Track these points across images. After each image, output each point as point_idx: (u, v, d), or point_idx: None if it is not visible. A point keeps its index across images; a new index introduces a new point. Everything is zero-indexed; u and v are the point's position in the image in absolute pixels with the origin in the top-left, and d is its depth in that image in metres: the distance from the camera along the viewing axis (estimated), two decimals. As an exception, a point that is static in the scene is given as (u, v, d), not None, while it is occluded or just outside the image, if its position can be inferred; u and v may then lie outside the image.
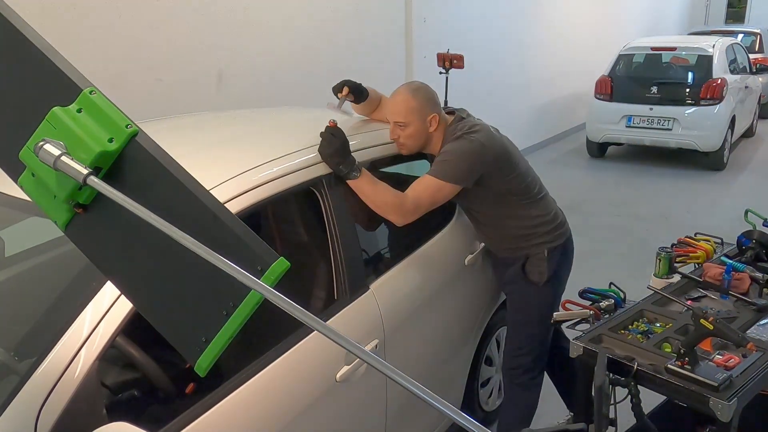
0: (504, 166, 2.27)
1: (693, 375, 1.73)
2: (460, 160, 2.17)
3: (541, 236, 2.39)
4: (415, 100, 2.20)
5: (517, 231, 2.39)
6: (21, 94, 0.94)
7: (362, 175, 2.05)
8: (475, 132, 2.21)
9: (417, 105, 2.20)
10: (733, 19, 16.23)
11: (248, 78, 4.44)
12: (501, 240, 2.46)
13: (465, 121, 2.29)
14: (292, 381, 1.78)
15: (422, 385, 0.69)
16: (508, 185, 2.30)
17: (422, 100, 2.22)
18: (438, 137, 2.27)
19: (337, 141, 1.99)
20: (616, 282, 2.29)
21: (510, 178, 2.29)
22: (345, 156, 2.01)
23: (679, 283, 2.33)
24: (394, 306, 2.14)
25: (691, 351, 1.76)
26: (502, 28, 7.48)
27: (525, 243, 2.40)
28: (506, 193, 2.32)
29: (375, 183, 2.08)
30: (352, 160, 2.03)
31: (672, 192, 6.84)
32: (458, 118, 2.30)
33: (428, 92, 2.26)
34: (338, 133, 2.01)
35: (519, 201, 2.35)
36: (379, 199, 2.08)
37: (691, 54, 8.05)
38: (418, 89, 2.25)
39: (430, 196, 2.14)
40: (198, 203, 0.85)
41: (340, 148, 1.99)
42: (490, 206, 2.36)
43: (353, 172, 2.02)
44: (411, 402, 2.19)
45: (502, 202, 2.34)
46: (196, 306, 0.85)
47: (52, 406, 1.32)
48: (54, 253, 2.12)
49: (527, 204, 2.36)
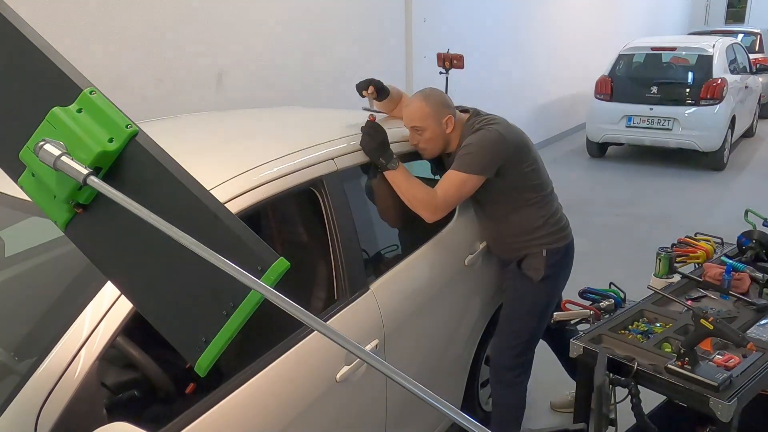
0: (522, 157, 2.32)
1: (693, 375, 1.73)
2: (481, 150, 2.22)
3: (541, 237, 2.40)
4: (429, 106, 2.28)
5: (519, 228, 2.40)
6: (21, 94, 0.94)
7: (399, 167, 2.18)
8: (493, 123, 2.29)
9: (431, 109, 2.28)
10: (733, 19, 16.23)
11: (248, 78, 4.43)
12: (502, 237, 2.47)
13: (481, 116, 2.36)
14: (292, 381, 1.78)
15: (422, 385, 0.69)
16: (524, 179, 2.34)
17: (435, 104, 2.29)
18: (456, 136, 2.33)
19: (378, 135, 2.14)
20: (616, 282, 2.29)
21: (527, 171, 2.33)
22: (385, 149, 2.15)
23: (679, 283, 2.34)
24: (394, 306, 2.14)
25: (691, 351, 1.76)
26: (502, 28, 7.48)
27: (525, 242, 2.41)
28: (520, 188, 2.35)
29: (410, 177, 2.20)
30: (391, 152, 2.17)
31: (672, 192, 6.84)
32: (474, 113, 2.38)
33: (440, 96, 2.34)
34: (378, 127, 2.15)
35: (530, 198, 2.37)
36: (411, 194, 2.19)
37: (691, 54, 8.05)
38: (429, 95, 2.32)
39: (457, 190, 2.22)
40: (198, 203, 0.85)
41: (381, 141, 2.14)
42: (501, 200, 2.39)
43: (391, 163, 2.15)
44: (411, 402, 2.19)
45: (514, 197, 2.37)
46: (196, 306, 0.85)
47: (52, 406, 1.32)
48: (54, 253, 2.12)
49: (537, 202, 2.38)
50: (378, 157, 2.15)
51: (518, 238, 2.42)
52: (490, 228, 2.52)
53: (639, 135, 7.72)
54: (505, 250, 2.50)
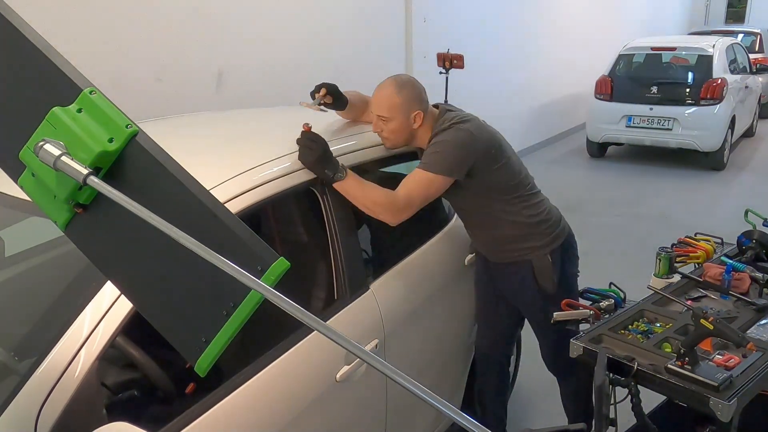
0: (495, 156, 2.20)
1: (693, 375, 1.73)
2: (450, 150, 2.11)
3: (538, 238, 2.32)
4: (400, 97, 2.14)
5: (511, 231, 2.31)
6: (21, 94, 0.94)
7: (348, 176, 1.99)
8: (464, 122, 2.17)
9: (401, 101, 2.13)
10: (733, 19, 16.24)
11: (248, 78, 4.43)
12: (497, 244, 2.37)
13: (452, 113, 2.22)
14: (292, 381, 1.78)
15: (422, 385, 0.69)
16: (498, 178, 2.23)
17: (407, 96, 2.15)
18: (425, 132, 2.20)
19: (317, 146, 1.92)
20: (616, 282, 2.29)
21: (500, 170, 2.22)
22: (328, 160, 1.95)
23: (679, 283, 2.33)
24: (394, 306, 2.14)
25: (691, 351, 1.75)
26: (502, 28, 7.48)
27: (524, 249, 2.32)
28: (498, 189, 2.25)
29: (363, 183, 2.03)
30: (336, 162, 1.97)
31: (672, 192, 6.84)
32: (443, 110, 2.24)
33: (414, 88, 2.18)
34: (316, 137, 1.95)
35: (511, 198, 2.27)
36: (369, 199, 2.03)
37: (691, 54, 8.05)
38: (404, 85, 2.16)
39: (422, 190, 2.08)
40: (198, 203, 0.85)
41: (322, 153, 1.93)
42: (482, 203, 2.28)
43: (338, 174, 1.97)
44: (411, 402, 2.19)
45: (495, 198, 2.27)
46: (196, 306, 0.85)
47: (52, 406, 1.32)
48: (54, 253, 2.12)
49: (519, 202, 2.28)
50: (322, 170, 1.94)
51: (515, 245, 2.33)
52: (481, 237, 2.41)
53: (639, 135, 7.72)
54: (505, 258, 2.38)
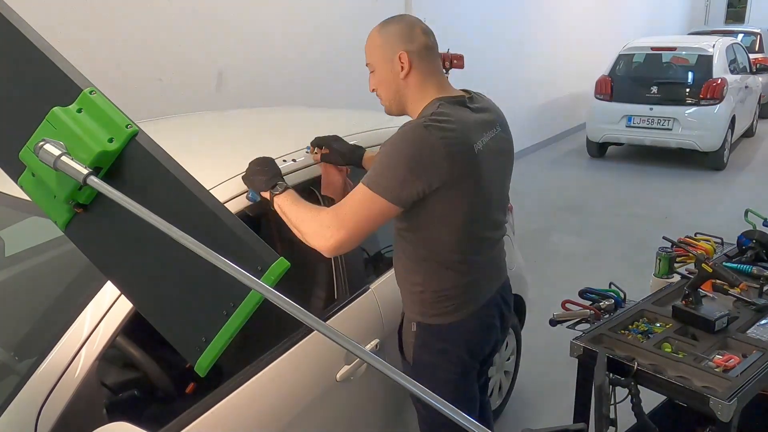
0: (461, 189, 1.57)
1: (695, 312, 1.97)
2: (394, 161, 1.51)
3: (420, 304, 1.75)
4: (381, 36, 1.65)
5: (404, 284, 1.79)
6: (21, 94, 0.94)
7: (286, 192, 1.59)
8: (441, 123, 1.52)
9: (382, 41, 1.64)
10: (733, 19, 16.23)
11: (248, 78, 4.43)
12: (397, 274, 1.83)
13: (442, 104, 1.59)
14: (292, 381, 1.78)
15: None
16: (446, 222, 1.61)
17: (390, 33, 1.64)
18: (415, 97, 1.65)
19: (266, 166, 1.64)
20: (616, 282, 2.29)
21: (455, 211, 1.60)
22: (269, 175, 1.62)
23: (679, 283, 2.33)
24: (394, 306, 2.13)
25: (695, 291, 2.04)
26: (502, 28, 7.48)
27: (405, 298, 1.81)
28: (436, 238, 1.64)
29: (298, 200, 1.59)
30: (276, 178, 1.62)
31: (672, 192, 6.84)
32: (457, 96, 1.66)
33: (404, 24, 1.67)
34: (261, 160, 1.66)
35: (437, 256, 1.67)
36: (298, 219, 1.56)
37: (691, 54, 8.05)
38: (389, 21, 1.69)
39: (365, 210, 1.52)
40: (198, 203, 0.85)
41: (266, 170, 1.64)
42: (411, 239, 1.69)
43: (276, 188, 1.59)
44: (411, 402, 2.18)
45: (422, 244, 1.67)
46: (196, 306, 0.85)
47: (52, 406, 1.32)
48: (54, 253, 2.12)
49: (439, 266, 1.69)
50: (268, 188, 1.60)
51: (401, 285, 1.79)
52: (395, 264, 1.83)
53: (639, 135, 7.72)
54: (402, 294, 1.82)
